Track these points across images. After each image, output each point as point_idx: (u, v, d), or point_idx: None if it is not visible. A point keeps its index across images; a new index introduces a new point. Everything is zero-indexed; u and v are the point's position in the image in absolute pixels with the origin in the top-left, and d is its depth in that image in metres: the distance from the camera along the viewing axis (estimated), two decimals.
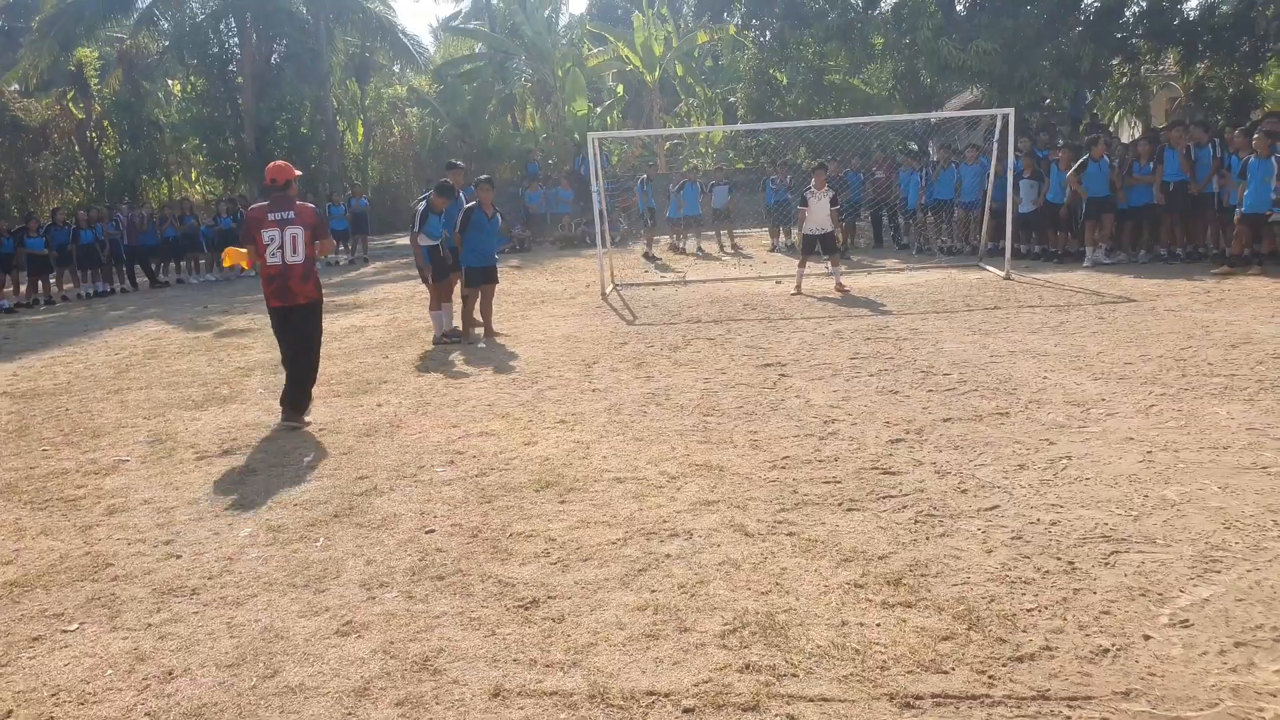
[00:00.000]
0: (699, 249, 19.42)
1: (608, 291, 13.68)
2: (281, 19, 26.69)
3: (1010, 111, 12.74)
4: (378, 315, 12.88)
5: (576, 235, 22.59)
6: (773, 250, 18.76)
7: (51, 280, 18.07)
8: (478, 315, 10.44)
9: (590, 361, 8.73)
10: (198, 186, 32.18)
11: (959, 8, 20.76)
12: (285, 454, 6.22)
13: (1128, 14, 20.16)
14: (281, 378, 7.21)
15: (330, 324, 11.96)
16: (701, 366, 8.20)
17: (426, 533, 4.61)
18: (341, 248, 22.61)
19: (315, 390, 7.85)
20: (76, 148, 27.98)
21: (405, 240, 28.67)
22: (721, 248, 19.66)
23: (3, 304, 16.76)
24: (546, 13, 33.51)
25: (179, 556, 4.53)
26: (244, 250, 6.97)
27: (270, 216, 6.82)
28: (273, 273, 6.86)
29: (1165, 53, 21.56)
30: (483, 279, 10.24)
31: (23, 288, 17.59)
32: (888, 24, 20.46)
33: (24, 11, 43.59)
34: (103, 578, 4.32)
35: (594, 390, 7.57)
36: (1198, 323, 8.67)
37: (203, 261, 20.79)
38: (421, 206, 10.57)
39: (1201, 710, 2.81)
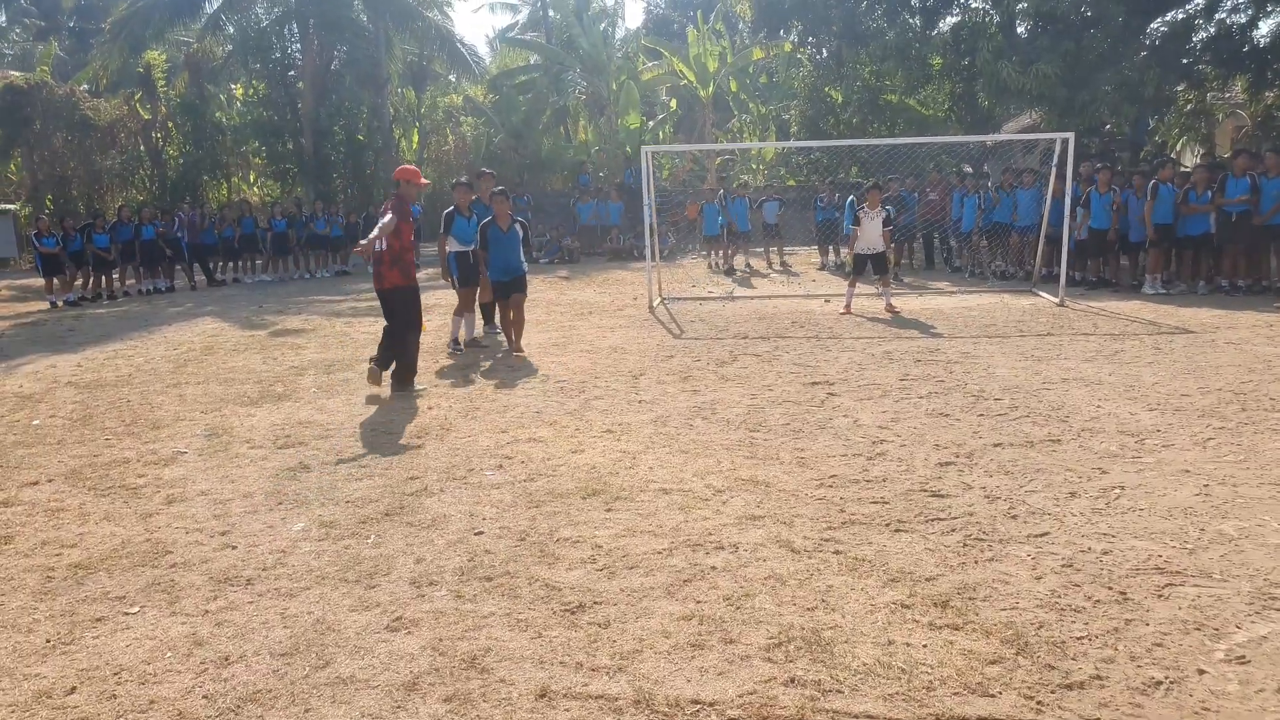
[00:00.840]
0: (747, 265, 19.39)
1: (655, 305, 13.74)
2: (343, 25, 27.18)
3: (1070, 136, 12.59)
4: (429, 320, 13.01)
5: (625, 248, 22.71)
6: (821, 269, 18.71)
7: (115, 276, 18.55)
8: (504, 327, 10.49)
9: (637, 373, 8.77)
10: (255, 188, 32.88)
11: (1019, 30, 20.56)
12: (339, 452, 6.34)
13: (1195, 39, 19.82)
14: (331, 377, 7.37)
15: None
16: (748, 382, 8.21)
17: (475, 534, 4.68)
18: None
19: (370, 391, 8.07)
20: (142, 147, 28.73)
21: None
22: (770, 264, 19.63)
23: (69, 298, 17.22)
24: (603, 26, 33.83)
25: (235, 547, 4.65)
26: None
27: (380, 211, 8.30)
28: (373, 259, 8.18)
29: (1233, 80, 21.21)
30: (504, 292, 10.10)
31: (90, 282, 18.08)
32: (946, 45, 20.36)
33: (95, 13, 45.04)
34: (162, 564, 4.45)
35: (640, 401, 7.61)
36: (1259, 356, 8.50)
37: (259, 262, 21.26)
38: (447, 211, 10.58)
39: None
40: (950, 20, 22.74)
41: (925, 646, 3.41)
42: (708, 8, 34.17)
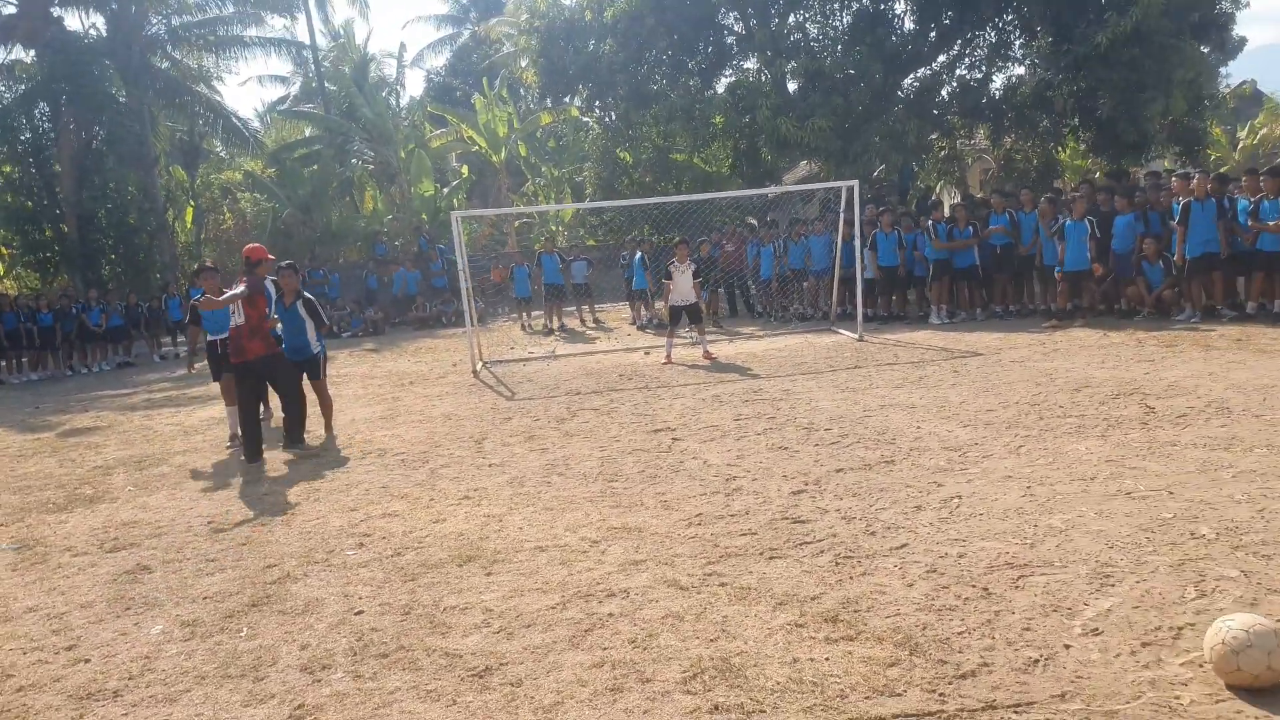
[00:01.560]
0: (561, 325, 19.62)
1: (478, 369, 13.67)
2: (101, 102, 25.46)
3: (855, 184, 13.69)
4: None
5: (431, 315, 22.45)
6: (633, 324, 19.21)
7: None
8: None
9: (479, 438, 8.71)
10: (9, 280, 30.04)
11: (790, 88, 22.16)
12: (178, 549, 5.93)
13: (944, 92, 22.06)
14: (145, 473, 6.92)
15: (187, 417, 11.56)
16: (593, 436, 8.34)
17: (356, 614, 4.52)
18: (182, 339, 21.59)
19: (194, 484, 7.62)
20: None
21: None
22: (583, 322, 19.95)
23: None
24: (384, 94, 33.59)
25: (88, 660, 4.27)
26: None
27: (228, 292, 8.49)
28: (232, 334, 8.55)
29: (977, 128, 23.71)
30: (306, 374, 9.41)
31: None
32: (727, 104, 21.61)
33: None
34: (6, 689, 4.02)
35: (490, 465, 7.57)
36: (1041, 371, 9.50)
37: (24, 360, 19.46)
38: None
39: (1129, 703, 3.12)
40: (725, 80, 24.25)
41: (828, 659, 3.61)
42: (492, 75, 34.61)
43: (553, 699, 3.48)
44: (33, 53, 26.09)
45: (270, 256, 8.95)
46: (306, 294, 9.38)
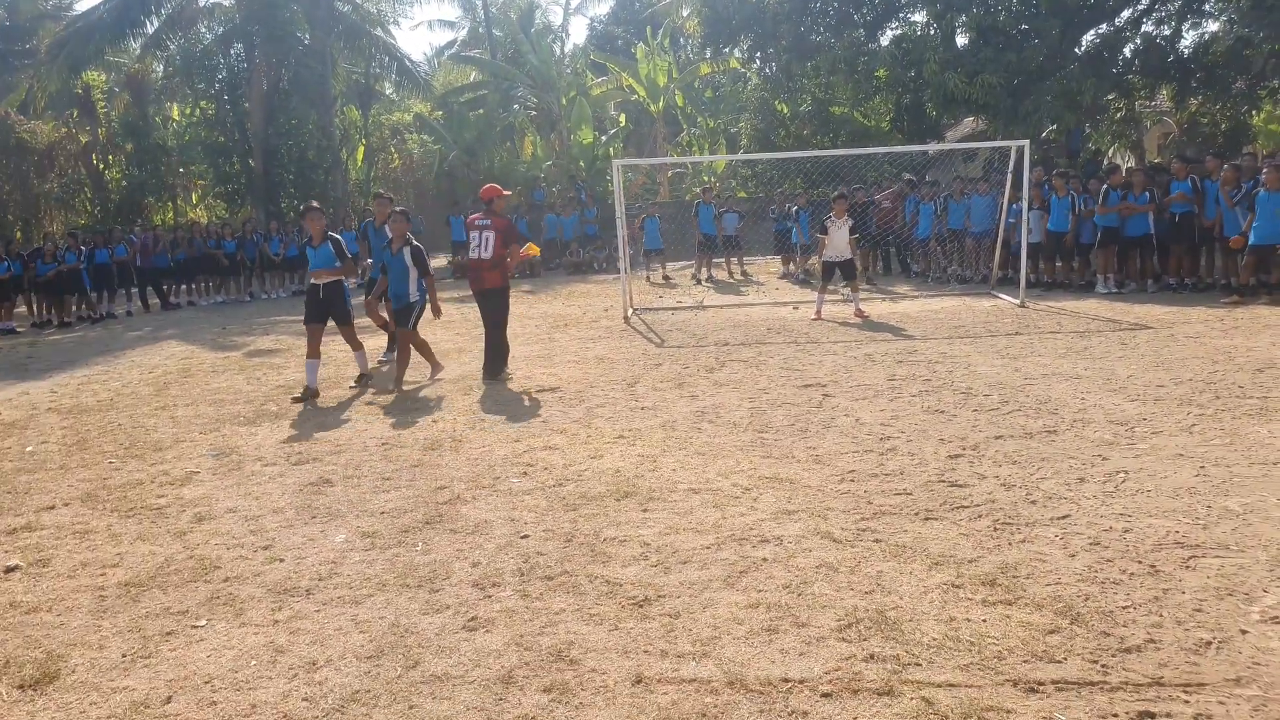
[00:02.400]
0: (710, 276, 19.65)
1: (629, 315, 13.91)
2: (289, 43, 26.91)
3: (1026, 144, 13.11)
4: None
5: (584, 261, 22.86)
6: (781, 277, 19.08)
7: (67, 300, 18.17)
8: (419, 356, 9.62)
9: (631, 381, 8.93)
10: (200, 209, 32.33)
11: (960, 42, 21.25)
12: (356, 465, 6.38)
13: (1126, 50, 20.70)
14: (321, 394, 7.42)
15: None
16: (742, 387, 8.42)
17: (521, 538, 4.79)
18: None
19: (367, 407, 8.12)
20: (82, 170, 28.08)
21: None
22: (731, 274, 19.92)
23: (11, 326, 16.80)
24: (549, 41, 34.07)
25: (282, 560, 4.69)
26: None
27: (478, 222, 9.36)
28: (471, 264, 9.47)
29: (1159, 88, 22.18)
30: (395, 319, 9.54)
31: (42, 308, 17.72)
32: (891, 57, 20.92)
33: (17, 35, 43.88)
34: (214, 579, 4.48)
35: (643, 408, 7.76)
36: (1218, 348, 8.96)
37: (211, 284, 20.98)
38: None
39: None
40: (891, 33, 23.46)
41: (985, 621, 3.62)
42: (655, 24, 34.54)
43: (710, 633, 3.63)
44: None
45: (506, 192, 9.81)
46: (415, 242, 9.28)
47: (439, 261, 28.28)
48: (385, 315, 10.17)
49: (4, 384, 10.95)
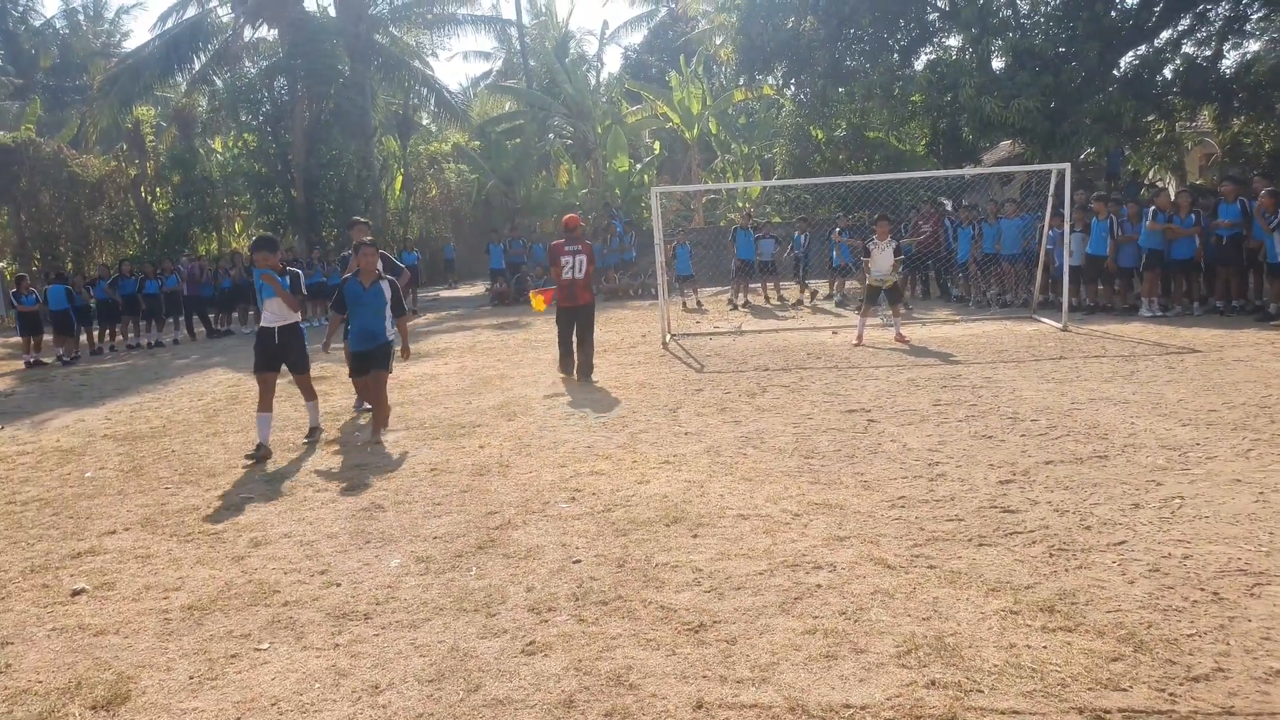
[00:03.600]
0: (746, 301, 19.68)
1: (667, 341, 13.96)
2: (331, 76, 27.51)
3: (1066, 167, 13.04)
4: (446, 364, 13.19)
5: (620, 288, 22.98)
6: (828, 298, 19.06)
7: (116, 329, 18.59)
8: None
9: (673, 407, 8.96)
10: (244, 239, 32.94)
11: (995, 66, 21.22)
12: (407, 491, 6.46)
13: (1166, 71, 20.55)
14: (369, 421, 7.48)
15: (402, 371, 12.37)
16: (785, 412, 8.42)
17: (574, 563, 4.82)
18: None
19: (415, 433, 8.23)
20: (131, 202, 28.76)
21: (449, 291, 29.41)
22: (767, 299, 19.93)
23: (64, 357, 17.18)
24: (583, 69, 34.48)
25: (338, 585, 4.76)
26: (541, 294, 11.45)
27: (567, 248, 10.72)
28: (565, 284, 10.72)
29: (1200, 109, 21.96)
30: (359, 366, 8.43)
31: (95, 336, 18.14)
32: (927, 82, 20.93)
33: (71, 71, 45.24)
34: (274, 603, 4.55)
35: (686, 434, 7.79)
36: (1272, 372, 8.83)
37: (252, 312, 21.36)
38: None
39: None
40: (926, 58, 23.49)
41: (1045, 648, 3.59)
42: (688, 52, 34.86)
43: (768, 659, 3.64)
44: (275, 31, 28.33)
45: (581, 222, 11.34)
46: (389, 276, 8.51)
47: (476, 289, 28.58)
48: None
49: (60, 411, 11.20)
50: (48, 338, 17.28)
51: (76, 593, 4.85)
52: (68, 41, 44.70)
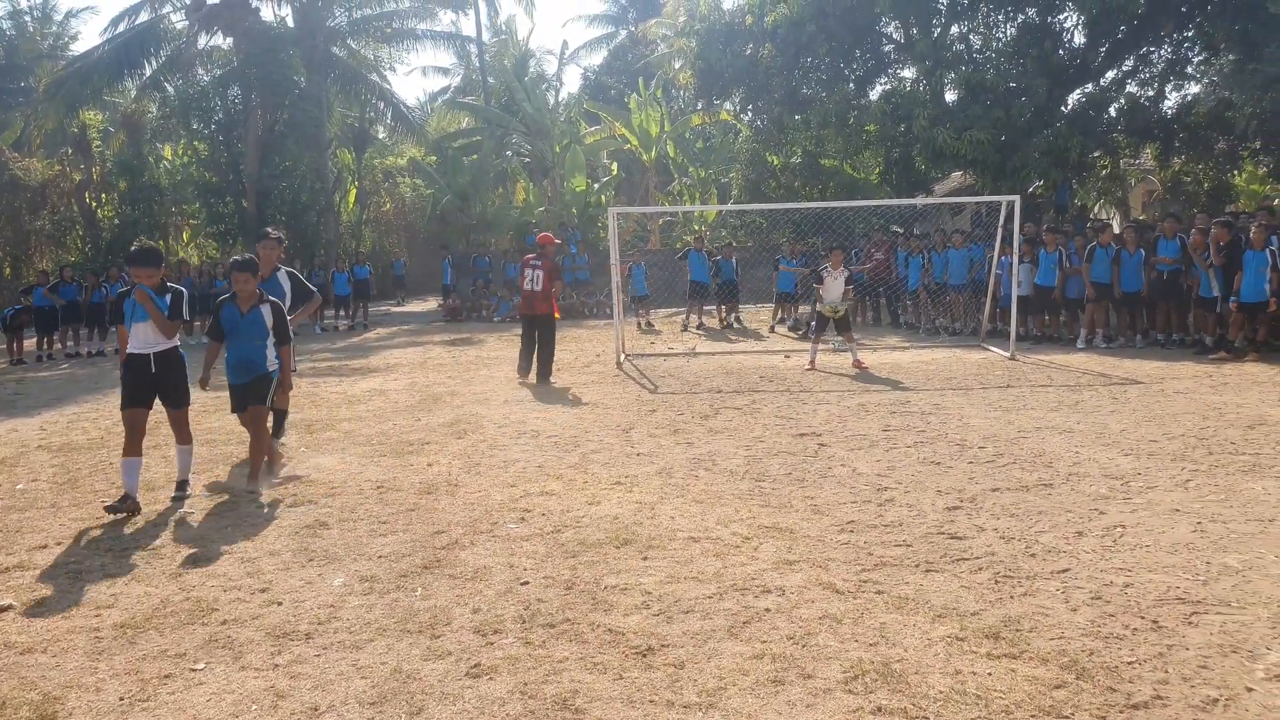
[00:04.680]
0: (700, 323, 19.75)
1: (621, 361, 13.95)
2: (286, 87, 27.19)
3: (1016, 199, 13.32)
4: (395, 379, 13.03)
5: (575, 306, 22.95)
6: (772, 329, 19.19)
7: (55, 336, 18.11)
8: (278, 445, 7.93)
9: (625, 427, 8.93)
10: (191, 249, 32.36)
11: (949, 98, 21.66)
12: (352, 509, 6.34)
13: (1111, 109, 21.15)
14: (315, 436, 7.35)
15: (349, 387, 12.22)
16: (738, 435, 8.44)
17: (521, 584, 4.76)
18: (343, 313, 22.90)
19: (361, 449, 8.10)
20: (75, 208, 28.11)
21: (399, 308, 29.10)
22: (723, 321, 20.03)
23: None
24: (542, 89, 34.51)
25: (280, 603, 4.64)
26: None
27: (531, 262, 12.10)
28: (525, 294, 12.05)
29: (1144, 147, 22.62)
30: (237, 401, 7.33)
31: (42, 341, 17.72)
32: (883, 112, 21.30)
33: (14, 74, 44.23)
34: (211, 621, 4.42)
35: (638, 455, 7.76)
36: (1209, 405, 9.05)
37: (198, 324, 20.93)
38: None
39: None
40: (880, 88, 23.92)
41: (990, 674, 3.62)
42: (648, 75, 35.10)
43: (715, 684, 3.61)
44: (230, 40, 27.98)
45: (557, 241, 13.32)
46: (272, 298, 7.36)
47: (428, 305, 28.33)
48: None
49: None
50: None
51: (3, 609, 4.67)
52: (13, 43, 43.67)
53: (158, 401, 6.91)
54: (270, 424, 7.75)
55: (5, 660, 4.07)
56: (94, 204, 28.61)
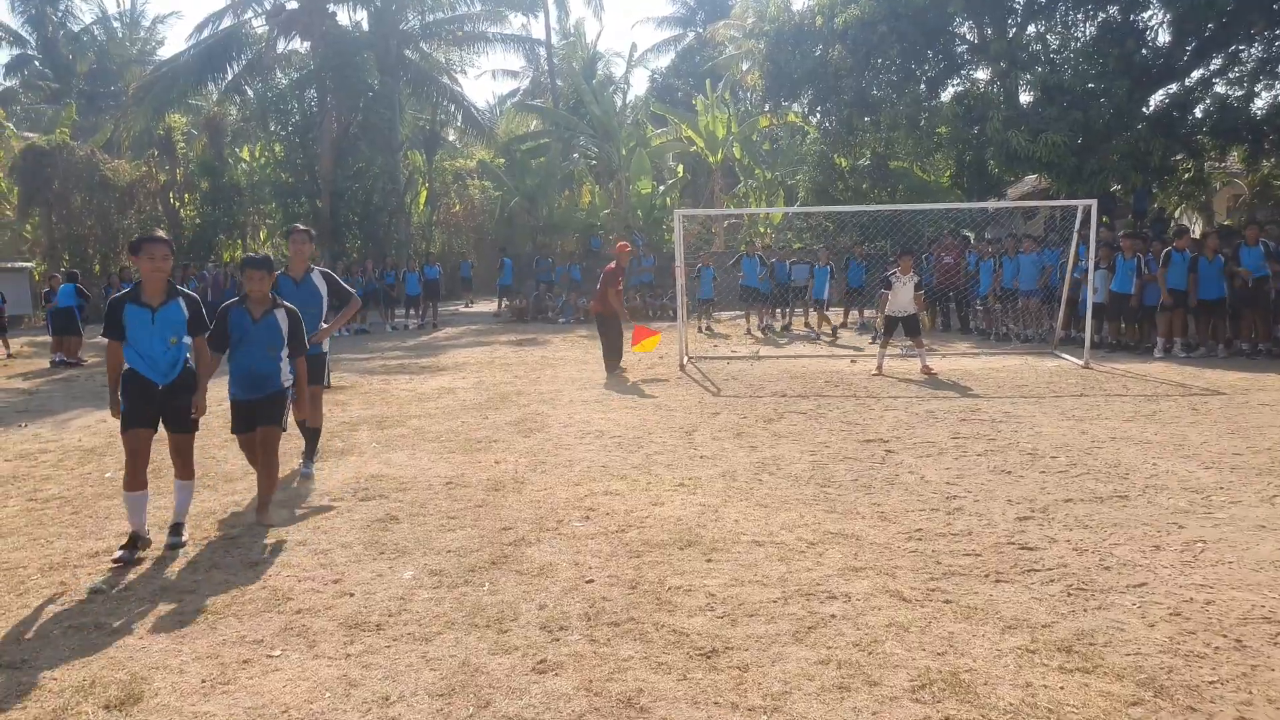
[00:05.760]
0: (765, 325, 19.66)
1: (684, 363, 13.96)
2: (360, 90, 27.82)
3: (1093, 203, 13.00)
4: (463, 378, 13.22)
5: (640, 308, 23.02)
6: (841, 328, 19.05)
7: None
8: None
9: (689, 430, 8.94)
10: (268, 248, 33.22)
11: (1023, 100, 21.22)
12: (422, 504, 6.46)
13: (1196, 111, 20.49)
14: (386, 432, 7.50)
15: (419, 385, 12.44)
16: (802, 439, 8.39)
17: (587, 582, 4.81)
18: (413, 312, 23.31)
19: (430, 446, 8.24)
20: (160, 208, 29.11)
21: (466, 309, 29.49)
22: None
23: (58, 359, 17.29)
24: (610, 91, 34.70)
25: (351, 594, 4.76)
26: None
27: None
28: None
29: (1230, 150, 21.86)
30: (243, 421, 6.34)
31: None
32: (955, 114, 20.95)
33: (107, 77, 45.96)
34: (287, 610, 4.55)
35: (702, 457, 7.77)
36: None
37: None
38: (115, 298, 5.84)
39: None
40: (953, 89, 23.54)
41: (1062, 688, 3.55)
42: (715, 77, 35.04)
43: (780, 688, 3.60)
44: (307, 44, 28.71)
45: (630, 250, 14.48)
46: (288, 304, 6.34)
47: (491, 305, 28.68)
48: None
49: (83, 411, 11.30)
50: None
51: (94, 592, 4.87)
52: (104, 48, 45.45)
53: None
54: (304, 445, 7.42)
55: (96, 640, 4.24)
56: (177, 204, 29.58)
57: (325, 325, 7.58)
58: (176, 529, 5.86)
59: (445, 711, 3.49)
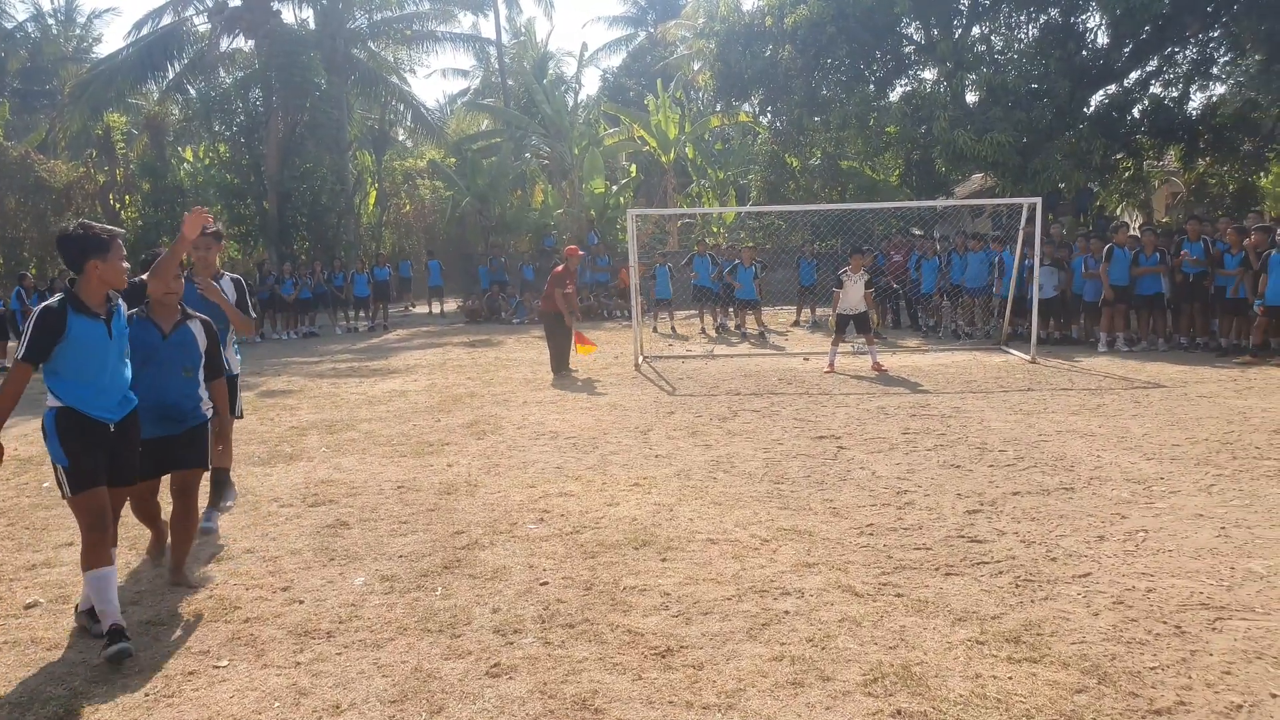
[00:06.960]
0: (719, 325, 19.73)
1: (639, 363, 13.96)
2: (307, 89, 27.40)
3: (1038, 201, 13.24)
4: (415, 380, 13.09)
5: (594, 308, 22.98)
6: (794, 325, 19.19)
7: None
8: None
9: (643, 429, 8.94)
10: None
11: (970, 100, 21.56)
12: (373, 509, 6.38)
13: (1135, 111, 21.00)
14: (336, 436, 7.40)
15: (370, 388, 12.29)
16: (756, 437, 8.43)
17: (541, 584, 4.78)
18: (363, 314, 23.05)
19: (381, 450, 8.13)
20: (99, 210, 28.40)
21: (421, 308, 29.15)
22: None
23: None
24: (561, 90, 34.59)
25: (301, 602, 4.68)
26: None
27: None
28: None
29: (1167, 149, 22.44)
30: (150, 464, 4.86)
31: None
32: (903, 114, 21.23)
33: (41, 76, 44.75)
34: (234, 619, 4.47)
35: (657, 456, 7.77)
36: (1233, 409, 8.97)
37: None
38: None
39: None
40: (901, 89, 23.87)
41: (1011, 679, 3.60)
42: (666, 77, 35.11)
43: (734, 685, 3.61)
44: (251, 42, 28.22)
45: (582, 252, 14.26)
46: (201, 315, 5.17)
47: (450, 305, 28.41)
48: None
49: (19, 420, 10.96)
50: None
51: (30, 605, 4.74)
52: (38, 45, 44.19)
53: None
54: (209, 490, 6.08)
55: (33, 655, 4.12)
56: (118, 205, 28.89)
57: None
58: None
59: (398, 718, 3.45)
